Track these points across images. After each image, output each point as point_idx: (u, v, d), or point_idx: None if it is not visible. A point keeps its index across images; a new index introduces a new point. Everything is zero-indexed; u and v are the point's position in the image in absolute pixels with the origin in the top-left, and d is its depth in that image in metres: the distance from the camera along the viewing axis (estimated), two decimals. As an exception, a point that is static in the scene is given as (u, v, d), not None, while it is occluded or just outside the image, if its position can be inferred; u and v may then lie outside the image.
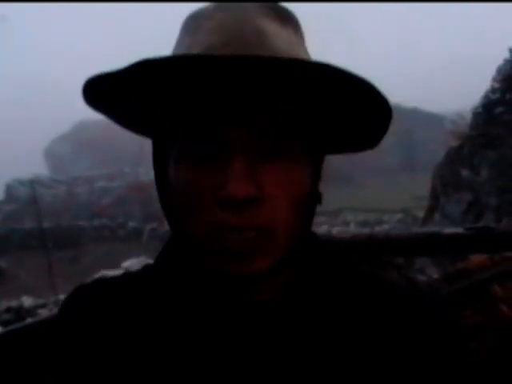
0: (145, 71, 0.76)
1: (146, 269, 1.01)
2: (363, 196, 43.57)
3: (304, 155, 0.84)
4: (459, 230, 2.29)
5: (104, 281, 1.01)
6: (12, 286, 17.92)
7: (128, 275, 1.02)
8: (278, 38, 0.81)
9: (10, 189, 51.06)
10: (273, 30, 0.82)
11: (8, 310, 11.73)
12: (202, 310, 0.89)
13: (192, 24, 0.86)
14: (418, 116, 67.28)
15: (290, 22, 0.87)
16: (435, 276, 3.29)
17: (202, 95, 0.79)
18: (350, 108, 0.85)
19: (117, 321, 0.93)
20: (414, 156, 64.01)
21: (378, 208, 36.51)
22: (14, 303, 12.17)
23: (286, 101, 0.80)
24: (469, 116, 11.10)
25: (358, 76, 0.75)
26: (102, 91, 0.83)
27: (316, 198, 0.91)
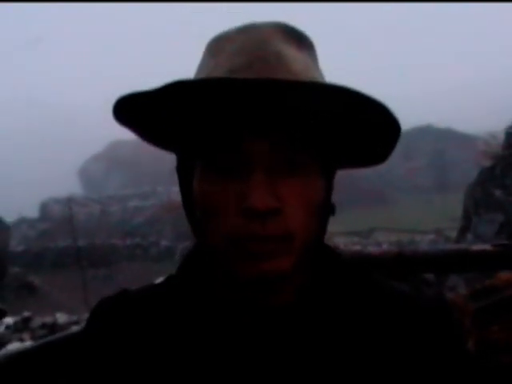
0: (176, 91, 0.82)
1: (169, 279, 1.05)
2: (396, 216, 43.06)
3: (319, 169, 0.90)
4: (487, 246, 2.28)
5: (128, 293, 1.04)
6: (46, 303, 18.00)
7: (152, 286, 1.05)
8: (296, 61, 0.87)
9: (44, 207, 51.46)
10: (290, 53, 0.88)
11: (43, 326, 11.82)
12: (223, 317, 0.93)
13: (215, 46, 0.92)
14: (450, 136, 66.46)
15: (306, 45, 0.93)
16: (464, 293, 3.29)
17: (227, 113, 0.85)
18: (362, 125, 0.90)
19: (142, 331, 0.96)
20: (447, 176, 63.17)
21: (410, 229, 36.08)
22: (48, 319, 12.24)
23: (305, 118, 0.86)
24: (501, 136, 10.98)
25: (373, 97, 0.80)
26: (131, 108, 0.89)
27: (329, 208, 0.96)
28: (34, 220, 48.92)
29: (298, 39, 0.92)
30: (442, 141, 64.43)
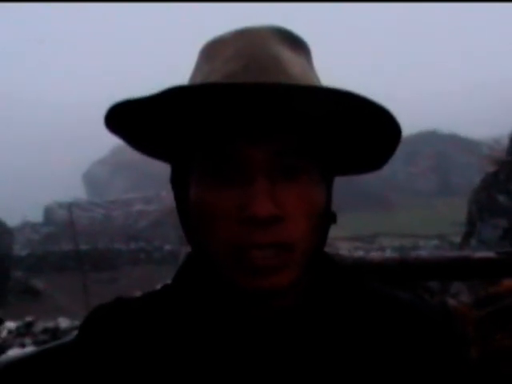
0: (173, 97, 0.80)
1: (164, 288, 1.03)
2: (399, 220, 43.07)
3: (319, 175, 0.89)
4: (490, 253, 2.27)
5: (123, 301, 1.02)
6: (48, 307, 18.03)
7: (147, 295, 1.03)
8: (293, 65, 0.86)
9: (48, 211, 51.56)
10: (287, 56, 0.86)
11: (45, 330, 11.80)
12: (220, 326, 0.92)
13: (210, 51, 0.90)
14: (455, 141, 66.46)
15: (302, 48, 0.92)
16: (467, 300, 3.28)
17: (226, 118, 0.83)
18: (362, 129, 0.88)
19: (137, 341, 0.94)
20: (451, 181, 63.19)
21: (414, 233, 36.09)
22: (50, 324, 12.23)
23: (305, 123, 0.84)
24: (505, 141, 10.97)
25: (373, 101, 0.79)
26: (124, 116, 0.86)
27: (330, 217, 0.94)
28: (37, 224, 49.02)
29: (295, 43, 0.91)
30: (445, 145, 64.41)
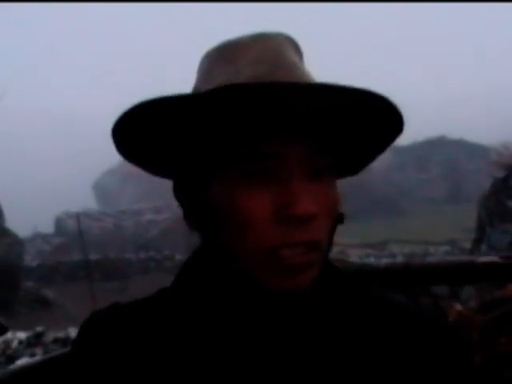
0: (219, 97, 0.80)
1: (161, 292, 1.03)
2: (410, 227, 42.93)
3: (335, 175, 0.91)
4: (494, 258, 2.28)
5: (119, 307, 1.02)
6: (59, 317, 18.01)
7: (143, 300, 1.03)
8: (305, 70, 0.90)
9: (59, 222, 51.62)
10: (298, 61, 0.90)
11: (55, 340, 11.79)
12: (226, 331, 0.91)
13: (229, 53, 0.91)
14: (463, 147, 66.29)
15: (301, 52, 0.95)
16: (473, 304, 3.27)
17: (265, 117, 0.82)
18: (369, 125, 0.89)
19: (136, 346, 0.94)
20: (461, 187, 62.98)
21: (425, 240, 35.96)
22: (60, 334, 12.22)
23: (331, 123, 0.85)
24: (513, 146, 10.96)
25: (379, 94, 0.80)
26: (133, 124, 0.86)
27: (340, 217, 0.94)
28: (48, 235, 49.07)
29: (299, 50, 0.94)
30: (455, 151, 64.23)
